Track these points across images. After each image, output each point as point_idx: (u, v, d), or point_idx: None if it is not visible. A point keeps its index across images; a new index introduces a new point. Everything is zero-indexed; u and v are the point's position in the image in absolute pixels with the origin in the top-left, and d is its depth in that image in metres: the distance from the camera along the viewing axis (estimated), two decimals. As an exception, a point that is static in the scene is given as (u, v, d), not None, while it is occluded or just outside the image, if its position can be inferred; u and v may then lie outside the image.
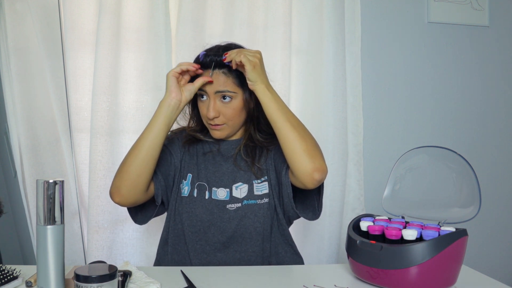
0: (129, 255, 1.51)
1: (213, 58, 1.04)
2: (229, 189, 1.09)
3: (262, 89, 0.99)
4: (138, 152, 1.00)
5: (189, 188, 1.10)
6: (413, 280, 0.80)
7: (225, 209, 1.07)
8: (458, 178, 0.93)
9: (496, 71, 1.89)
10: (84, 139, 1.50)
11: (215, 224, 1.07)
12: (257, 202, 1.07)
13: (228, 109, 1.06)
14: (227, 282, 0.88)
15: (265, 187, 1.09)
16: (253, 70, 0.97)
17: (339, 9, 1.62)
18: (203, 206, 1.08)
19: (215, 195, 1.08)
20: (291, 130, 0.97)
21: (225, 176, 1.10)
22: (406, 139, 1.80)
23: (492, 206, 1.87)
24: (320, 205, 1.07)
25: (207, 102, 1.06)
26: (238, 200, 1.08)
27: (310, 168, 0.95)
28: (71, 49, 1.45)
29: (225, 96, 1.05)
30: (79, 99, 1.49)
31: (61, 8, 1.46)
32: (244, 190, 1.08)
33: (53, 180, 0.73)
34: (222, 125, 1.07)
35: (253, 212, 1.07)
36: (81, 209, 1.54)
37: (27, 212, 1.49)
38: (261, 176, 1.10)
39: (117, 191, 1.00)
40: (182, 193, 1.10)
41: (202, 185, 1.10)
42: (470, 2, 1.83)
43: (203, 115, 1.09)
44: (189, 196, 1.09)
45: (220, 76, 1.04)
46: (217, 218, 1.07)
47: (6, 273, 0.81)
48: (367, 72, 1.74)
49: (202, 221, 1.07)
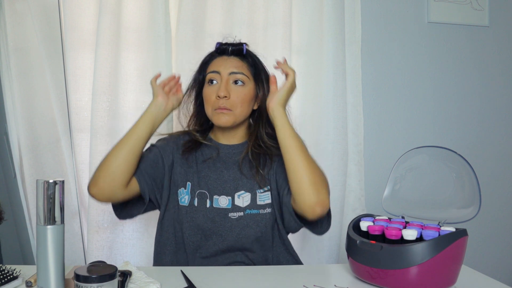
0: (129, 255, 1.51)
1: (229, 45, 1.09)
2: (231, 197, 1.07)
3: (282, 112, 1.01)
4: (120, 147, 1.01)
5: (189, 197, 1.08)
6: (413, 280, 0.79)
7: (227, 217, 1.06)
8: (458, 178, 0.93)
9: (496, 71, 1.89)
10: (84, 139, 1.49)
11: (217, 233, 1.06)
12: (260, 212, 1.06)
13: (238, 93, 1.06)
14: (227, 282, 0.88)
15: (268, 197, 1.08)
16: (290, 89, 1.01)
17: (339, 9, 1.62)
18: (205, 215, 1.06)
19: (217, 203, 1.07)
20: (302, 160, 0.97)
21: (227, 184, 1.08)
22: (406, 139, 1.80)
23: (492, 206, 1.87)
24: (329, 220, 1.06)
25: (217, 86, 1.07)
26: (241, 209, 1.06)
27: (313, 202, 0.95)
28: (71, 49, 1.45)
29: (238, 80, 1.06)
30: (79, 99, 1.49)
31: (61, 8, 1.46)
32: (246, 199, 1.07)
33: (53, 180, 0.73)
34: (229, 111, 1.06)
35: (256, 221, 1.06)
36: (81, 209, 1.54)
37: (27, 212, 1.49)
38: (264, 186, 1.09)
39: (94, 182, 1.00)
40: (181, 202, 1.08)
41: (202, 193, 1.08)
42: (470, 2, 1.83)
43: (209, 101, 1.08)
44: (189, 206, 1.07)
45: (235, 61, 1.07)
46: (218, 227, 1.05)
47: (6, 273, 0.81)
48: (367, 72, 1.74)
49: (203, 229, 1.06)
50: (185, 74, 1.51)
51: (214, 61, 1.11)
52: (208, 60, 1.13)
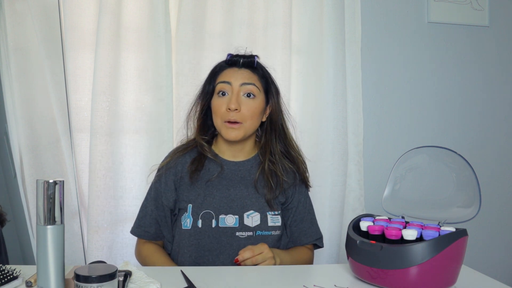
0: (129, 255, 1.51)
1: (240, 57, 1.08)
2: (238, 216, 1.05)
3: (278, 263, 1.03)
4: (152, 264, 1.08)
5: (191, 219, 1.05)
6: (413, 280, 0.79)
7: (235, 236, 1.04)
8: (458, 178, 0.93)
9: (496, 71, 1.89)
10: (84, 139, 1.49)
11: (224, 252, 1.04)
12: (272, 233, 1.06)
13: (249, 106, 1.04)
14: (227, 282, 0.88)
15: (279, 220, 1.08)
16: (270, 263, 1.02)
17: (339, 9, 1.62)
18: (210, 236, 1.04)
19: (223, 223, 1.05)
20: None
21: (234, 202, 1.06)
22: (406, 139, 1.80)
23: (492, 206, 1.87)
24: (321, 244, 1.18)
25: (228, 98, 1.05)
26: (250, 229, 1.05)
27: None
28: (71, 49, 1.45)
29: (249, 93, 1.05)
30: (79, 99, 1.49)
31: (61, 8, 1.46)
32: (256, 219, 1.06)
33: (53, 180, 0.73)
34: (239, 124, 1.04)
35: (266, 242, 1.04)
36: (81, 209, 1.54)
37: (27, 212, 1.49)
38: (277, 209, 1.08)
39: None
40: (184, 226, 1.06)
41: (208, 214, 1.05)
42: (470, 2, 1.83)
43: (219, 112, 1.05)
44: (192, 228, 1.04)
45: (246, 72, 1.06)
46: (226, 246, 1.04)
47: (6, 273, 0.81)
48: (367, 72, 1.74)
49: (210, 250, 1.04)
50: (185, 74, 1.53)
51: (225, 71, 1.09)
52: (218, 70, 1.10)
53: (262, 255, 0.98)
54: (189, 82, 1.51)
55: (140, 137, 1.51)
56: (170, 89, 1.52)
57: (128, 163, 1.51)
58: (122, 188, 1.49)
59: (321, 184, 1.62)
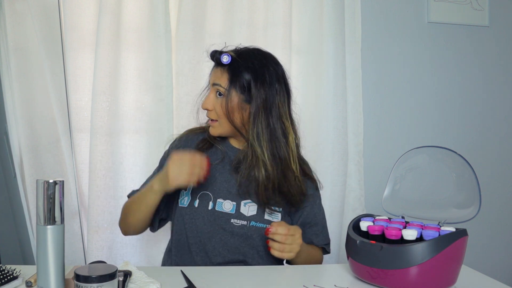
0: (129, 255, 1.51)
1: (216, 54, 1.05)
2: (235, 203, 1.06)
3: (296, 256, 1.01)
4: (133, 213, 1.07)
5: (189, 198, 1.07)
6: (413, 280, 0.79)
7: (229, 222, 1.04)
8: (458, 178, 0.93)
9: (496, 71, 1.89)
10: (84, 139, 1.49)
11: (216, 236, 1.04)
12: (267, 226, 1.03)
13: (218, 105, 1.05)
14: (227, 282, 0.88)
15: (278, 217, 1.07)
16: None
17: (339, 9, 1.62)
18: (204, 217, 1.05)
19: (220, 207, 1.05)
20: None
21: (234, 189, 1.07)
22: (406, 139, 1.80)
23: (492, 206, 1.87)
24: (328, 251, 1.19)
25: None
26: (245, 218, 1.05)
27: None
28: (71, 49, 1.45)
29: (219, 92, 1.05)
30: (79, 99, 1.49)
31: (61, 8, 1.46)
32: (252, 209, 1.06)
33: (53, 180, 0.73)
34: (216, 121, 1.07)
35: (260, 235, 1.04)
36: (81, 209, 1.54)
37: (27, 212, 1.49)
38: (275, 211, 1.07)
39: (125, 232, 1.15)
40: (180, 203, 1.08)
41: (206, 195, 1.07)
42: (470, 2, 1.83)
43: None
44: (189, 207, 1.06)
45: (219, 71, 1.06)
46: (219, 230, 1.04)
47: (6, 273, 0.81)
48: (367, 72, 1.74)
49: (202, 232, 1.05)
50: (185, 74, 1.52)
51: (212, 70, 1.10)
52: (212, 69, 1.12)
53: (294, 238, 0.96)
54: (189, 82, 1.51)
55: (140, 137, 1.51)
56: (170, 89, 1.52)
57: (128, 163, 1.51)
58: (122, 188, 1.49)
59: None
